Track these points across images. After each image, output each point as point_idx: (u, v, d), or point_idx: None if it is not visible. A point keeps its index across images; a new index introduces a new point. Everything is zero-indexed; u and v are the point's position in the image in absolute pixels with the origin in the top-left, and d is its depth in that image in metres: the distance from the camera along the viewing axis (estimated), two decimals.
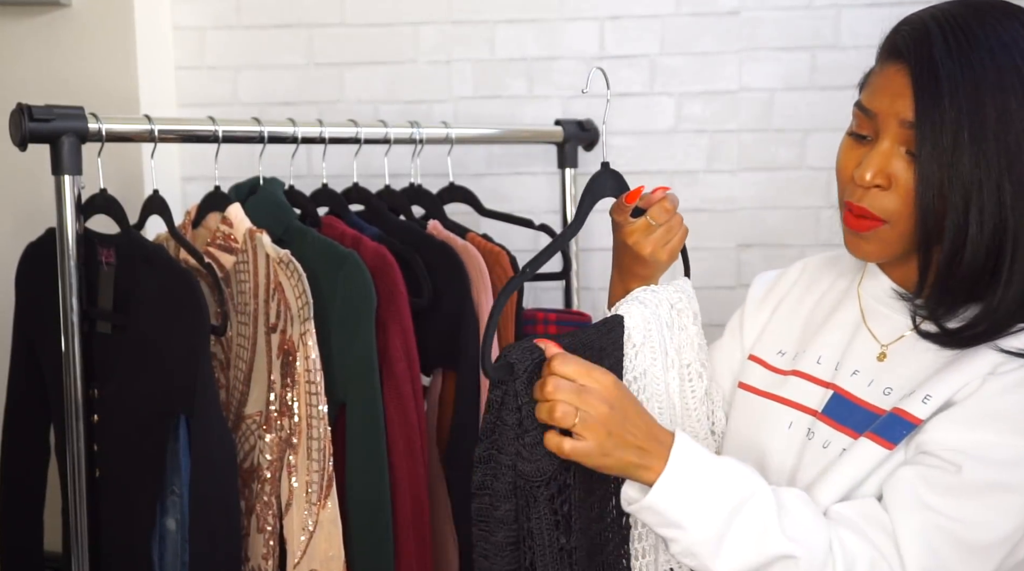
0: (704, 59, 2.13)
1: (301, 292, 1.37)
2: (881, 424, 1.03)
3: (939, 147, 0.98)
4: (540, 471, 0.93)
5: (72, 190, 1.35)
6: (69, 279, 1.36)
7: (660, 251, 1.17)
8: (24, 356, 1.55)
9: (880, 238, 1.05)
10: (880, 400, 1.06)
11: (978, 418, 0.98)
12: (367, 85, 2.17)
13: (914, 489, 0.98)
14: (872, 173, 1.03)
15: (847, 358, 1.11)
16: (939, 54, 1.00)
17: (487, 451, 0.95)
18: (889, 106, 1.03)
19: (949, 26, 1.01)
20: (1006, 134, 0.98)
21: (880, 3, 2.06)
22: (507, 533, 0.94)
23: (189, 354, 1.33)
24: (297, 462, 1.38)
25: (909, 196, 1.02)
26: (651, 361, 1.11)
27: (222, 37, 2.16)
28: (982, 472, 0.97)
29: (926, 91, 1.00)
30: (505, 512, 0.94)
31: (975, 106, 0.98)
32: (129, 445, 1.40)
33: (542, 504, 0.94)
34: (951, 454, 0.98)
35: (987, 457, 0.97)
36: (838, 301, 1.18)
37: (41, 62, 1.98)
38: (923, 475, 0.99)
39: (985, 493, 0.97)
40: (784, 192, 2.14)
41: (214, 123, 1.49)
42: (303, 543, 1.38)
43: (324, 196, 1.66)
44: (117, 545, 1.43)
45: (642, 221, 1.17)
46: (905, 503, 0.98)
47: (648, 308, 1.12)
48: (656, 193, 1.19)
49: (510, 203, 2.11)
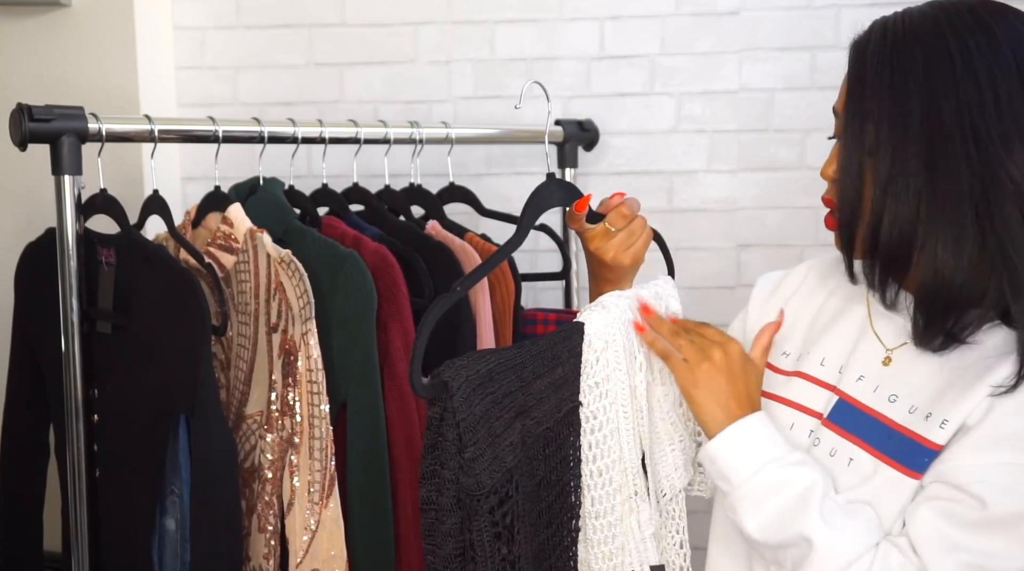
0: (704, 59, 2.13)
1: (303, 292, 1.37)
2: (899, 449, 1.03)
3: (860, 138, 1.01)
4: (480, 485, 0.96)
5: (72, 190, 1.35)
6: (69, 279, 1.36)
7: (622, 256, 1.19)
8: (23, 356, 1.55)
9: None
10: (887, 408, 1.05)
11: (994, 441, 0.98)
12: (367, 85, 2.17)
13: (941, 530, 0.98)
14: (832, 169, 1.06)
15: (852, 362, 1.11)
16: (872, 50, 1.03)
17: (430, 467, 0.97)
18: (840, 105, 1.06)
19: (894, 24, 1.03)
20: (932, 126, 0.98)
21: (880, 3, 2.06)
22: (454, 545, 0.97)
23: (189, 354, 1.33)
24: (299, 462, 1.38)
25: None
26: (615, 366, 1.11)
27: (222, 37, 2.16)
28: (1006, 503, 0.96)
29: (854, 85, 1.03)
30: (451, 526, 0.96)
31: (898, 102, 0.99)
32: (129, 445, 1.40)
33: (483, 516, 0.96)
34: (971, 483, 0.97)
35: (1008, 484, 0.97)
36: (845, 303, 1.17)
37: (41, 62, 1.98)
38: (948, 513, 0.98)
39: (1012, 524, 0.97)
40: (784, 192, 2.14)
41: (214, 123, 1.49)
42: (305, 542, 1.38)
43: (324, 196, 1.66)
44: (117, 545, 1.43)
45: (600, 226, 1.20)
46: (935, 543, 0.98)
47: (612, 313, 1.12)
48: (614, 198, 1.21)
49: (510, 203, 2.11)
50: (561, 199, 1.18)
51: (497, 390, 0.99)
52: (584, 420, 1.09)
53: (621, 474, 1.10)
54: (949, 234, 0.97)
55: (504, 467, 0.98)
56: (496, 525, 0.97)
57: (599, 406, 1.09)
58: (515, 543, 1.00)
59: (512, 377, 1.02)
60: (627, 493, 1.11)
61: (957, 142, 0.97)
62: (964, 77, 0.97)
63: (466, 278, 1.09)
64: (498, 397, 0.99)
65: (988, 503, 0.96)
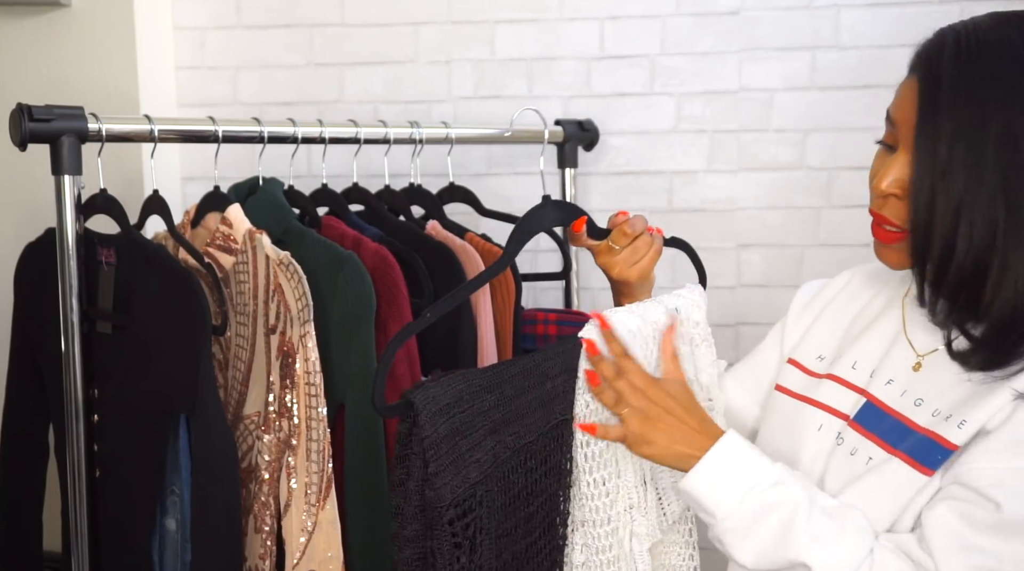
0: (704, 59, 2.13)
1: (301, 294, 1.37)
2: (916, 447, 1.03)
3: (933, 159, 0.98)
4: (440, 498, 1.01)
5: (72, 190, 1.35)
6: (69, 279, 1.36)
7: (627, 272, 1.22)
8: (24, 356, 1.55)
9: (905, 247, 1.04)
10: (912, 411, 1.05)
11: (1012, 445, 0.98)
12: (367, 85, 2.17)
13: (956, 530, 0.98)
14: (887, 182, 1.03)
15: (883, 366, 1.11)
16: (946, 66, 0.99)
17: (399, 476, 1.03)
18: (905, 118, 1.03)
19: (966, 38, 1.00)
20: (1008, 148, 0.95)
21: (880, 3, 2.06)
22: (413, 550, 1.03)
23: (190, 354, 1.33)
24: (296, 463, 1.38)
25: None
26: None
27: (222, 37, 2.16)
28: (1020, 508, 0.96)
29: (927, 102, 1.00)
30: (412, 531, 1.03)
31: (976, 121, 0.96)
32: (129, 445, 1.40)
33: (443, 527, 1.02)
34: (988, 487, 0.97)
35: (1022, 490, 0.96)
36: (882, 310, 1.18)
37: (41, 62, 1.98)
38: (963, 514, 0.98)
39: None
40: (784, 192, 2.14)
41: (214, 123, 1.49)
42: (302, 544, 1.38)
43: (324, 196, 1.66)
44: (117, 545, 1.43)
45: (604, 244, 1.22)
46: (948, 544, 0.98)
47: (617, 329, 1.13)
48: (618, 217, 1.22)
49: (510, 203, 2.11)
50: (557, 219, 1.20)
51: (468, 409, 1.04)
52: (580, 432, 1.11)
53: (617, 488, 1.13)
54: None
55: (468, 482, 1.03)
56: (456, 535, 1.03)
57: (598, 420, 1.12)
58: (476, 553, 1.05)
59: (488, 397, 1.06)
60: (625, 504, 1.13)
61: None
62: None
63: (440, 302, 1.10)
64: (468, 416, 1.04)
65: (1003, 507, 0.96)
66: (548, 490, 1.11)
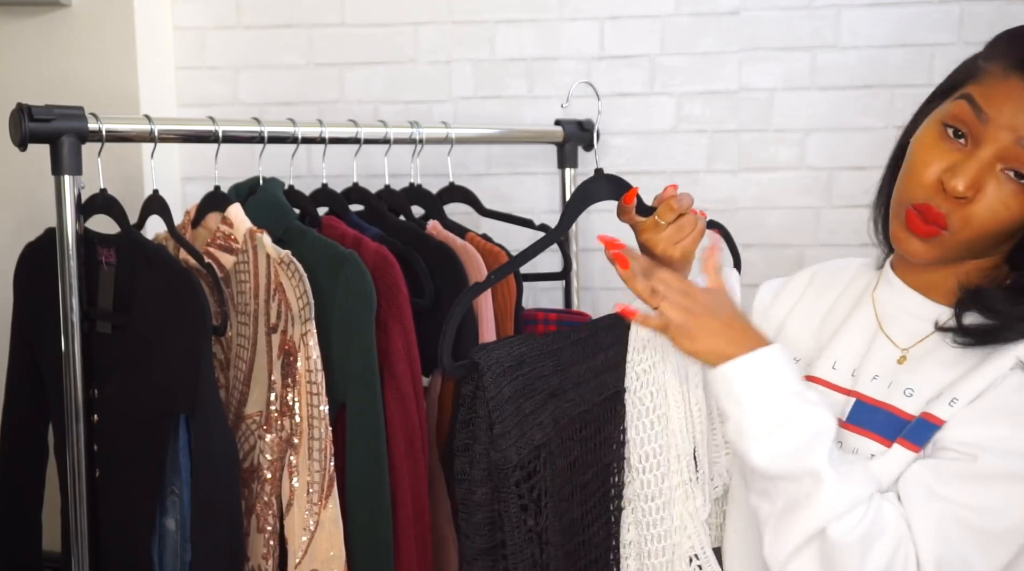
0: (704, 59, 2.13)
1: (302, 292, 1.37)
2: (911, 429, 1.03)
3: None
4: (506, 459, 1.01)
5: (72, 190, 1.35)
6: (69, 279, 1.36)
7: (671, 249, 1.17)
8: (23, 356, 1.55)
9: (942, 244, 1.04)
10: (902, 401, 1.06)
11: (993, 413, 0.98)
12: (367, 85, 2.17)
13: (925, 481, 0.98)
14: (965, 185, 1.00)
15: (866, 364, 1.11)
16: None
17: (464, 441, 1.04)
18: (1010, 120, 0.99)
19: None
20: None
21: (880, 3, 2.06)
22: (484, 515, 1.04)
23: (190, 354, 1.33)
24: (298, 462, 1.38)
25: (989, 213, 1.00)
26: (663, 355, 1.13)
27: (222, 37, 2.16)
28: (996, 461, 0.96)
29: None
30: (481, 496, 1.03)
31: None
32: (129, 445, 1.40)
33: (510, 489, 1.02)
34: (967, 447, 0.97)
35: (1002, 449, 0.97)
36: (851, 308, 1.17)
37: (41, 62, 1.98)
38: (934, 467, 0.99)
39: (998, 481, 0.96)
40: (784, 192, 2.14)
41: (214, 123, 1.49)
42: (304, 543, 1.38)
43: (324, 196, 1.66)
44: (117, 545, 1.43)
45: (650, 219, 1.18)
46: (917, 494, 0.98)
47: None
48: (667, 191, 1.19)
49: (510, 203, 2.11)
50: (609, 193, 1.18)
51: (529, 372, 1.04)
52: (631, 405, 1.12)
53: (672, 460, 1.12)
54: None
55: (531, 444, 1.04)
56: (522, 498, 1.03)
57: (645, 393, 1.12)
58: (542, 515, 1.05)
59: (548, 362, 1.07)
60: (682, 478, 1.13)
61: None
62: None
63: (501, 268, 1.16)
64: (530, 379, 1.04)
65: (979, 459, 0.96)
66: (602, 460, 1.12)
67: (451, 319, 1.05)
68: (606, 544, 1.14)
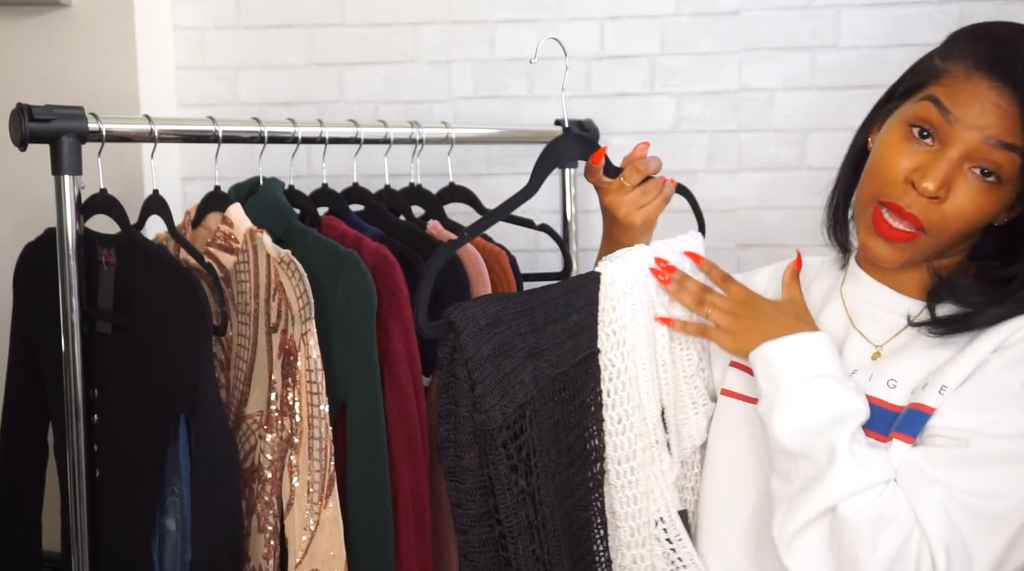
0: (704, 59, 2.13)
1: (302, 292, 1.37)
2: (903, 421, 1.03)
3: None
4: (491, 420, 0.98)
5: (72, 190, 1.35)
6: (69, 279, 1.36)
7: (634, 214, 1.18)
8: (22, 356, 1.55)
9: (915, 247, 1.04)
10: (887, 393, 1.06)
11: (983, 397, 0.98)
12: (367, 85, 2.17)
13: (920, 467, 0.98)
14: (936, 185, 1.00)
15: (843, 361, 1.11)
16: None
17: (445, 406, 1.00)
18: (976, 119, 0.99)
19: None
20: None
21: (880, 3, 2.06)
22: (474, 480, 1.00)
23: (190, 354, 1.33)
24: (298, 462, 1.38)
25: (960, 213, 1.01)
26: (632, 316, 1.11)
27: (222, 37, 2.16)
28: (989, 445, 0.96)
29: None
30: (469, 460, 0.99)
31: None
32: (129, 445, 1.40)
33: (498, 450, 0.99)
34: (959, 432, 0.97)
35: (993, 433, 0.97)
36: (821, 306, 1.17)
37: (41, 62, 1.98)
38: (928, 454, 0.99)
39: (993, 464, 0.96)
40: (784, 192, 2.14)
41: (214, 123, 1.49)
42: (305, 543, 1.38)
43: (324, 196, 1.66)
44: (117, 545, 1.43)
45: (616, 181, 1.18)
46: (916, 482, 0.98)
47: (630, 265, 1.12)
48: (636, 150, 1.19)
49: None
50: (577, 153, 1.17)
51: (506, 331, 1.01)
52: (603, 368, 1.10)
53: (641, 422, 1.11)
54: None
55: (515, 403, 1.00)
56: (511, 458, 1.00)
57: (616, 354, 1.10)
58: (533, 475, 1.02)
59: (523, 321, 1.04)
60: (648, 441, 1.12)
61: None
62: None
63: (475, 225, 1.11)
64: (507, 337, 1.01)
65: (972, 443, 0.97)
66: (582, 423, 1.10)
67: (426, 275, 1.02)
68: (593, 508, 1.13)
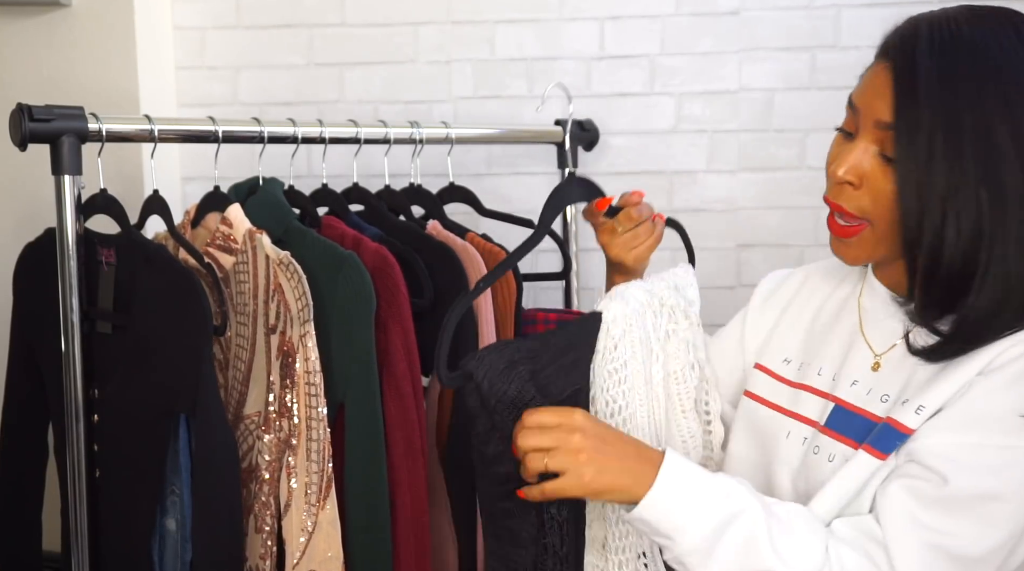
0: (704, 59, 2.13)
1: (301, 293, 1.37)
2: (876, 435, 1.02)
3: (915, 150, 0.97)
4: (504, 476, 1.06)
5: (72, 190, 1.35)
6: (69, 279, 1.36)
7: (625, 255, 1.25)
8: (22, 356, 1.55)
9: (862, 241, 1.05)
10: (878, 408, 1.05)
11: (963, 421, 0.97)
12: (367, 85, 2.17)
13: (905, 506, 0.97)
14: (844, 170, 1.03)
15: (845, 368, 1.11)
16: (921, 56, 0.98)
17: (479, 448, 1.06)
18: (868, 104, 1.02)
19: (939, 28, 0.99)
20: (984, 140, 0.95)
21: (880, 3, 2.06)
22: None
23: (191, 354, 1.33)
24: (296, 463, 1.38)
25: (880, 197, 1.01)
26: (631, 354, 1.13)
27: (222, 37, 2.16)
28: (969, 481, 0.95)
29: (904, 93, 0.99)
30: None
31: (952, 111, 0.96)
32: (129, 445, 1.40)
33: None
34: (938, 461, 0.96)
35: (973, 463, 0.96)
36: (838, 310, 1.17)
37: (41, 62, 1.98)
38: (912, 489, 0.97)
39: (975, 505, 0.95)
40: (784, 192, 2.14)
41: (214, 123, 1.49)
42: (302, 544, 1.38)
43: (324, 196, 1.66)
44: (117, 545, 1.43)
45: (610, 223, 1.24)
46: (897, 521, 0.97)
47: (630, 304, 1.15)
48: (632, 197, 1.24)
49: (510, 203, 2.11)
50: (581, 195, 1.23)
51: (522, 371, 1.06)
52: (604, 404, 1.12)
53: None
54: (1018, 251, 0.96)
55: None
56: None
57: (618, 391, 1.12)
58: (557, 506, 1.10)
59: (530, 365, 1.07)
60: None
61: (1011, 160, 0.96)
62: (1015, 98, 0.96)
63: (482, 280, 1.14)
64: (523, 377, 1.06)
65: (950, 480, 0.95)
66: None
67: (446, 330, 1.05)
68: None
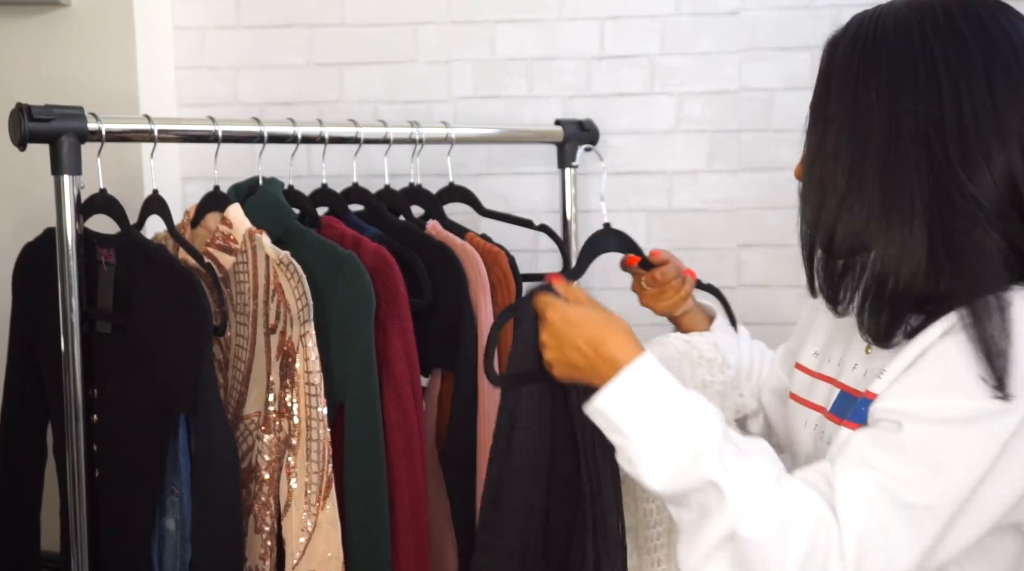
0: (704, 59, 2.13)
1: (301, 293, 1.37)
2: (854, 409, 1.03)
3: (821, 145, 0.99)
4: None
5: (72, 190, 1.35)
6: (69, 279, 1.36)
7: (654, 305, 1.41)
8: (22, 357, 1.55)
9: None
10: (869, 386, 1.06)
11: (921, 383, 0.96)
12: (367, 85, 2.17)
13: (858, 448, 0.97)
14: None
15: (848, 354, 1.12)
16: (842, 52, 0.99)
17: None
18: None
19: (867, 24, 0.99)
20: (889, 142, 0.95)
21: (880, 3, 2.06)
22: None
23: (190, 354, 1.33)
24: (296, 463, 1.38)
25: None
26: None
27: (222, 37, 2.16)
28: (922, 430, 0.94)
29: (820, 88, 1.01)
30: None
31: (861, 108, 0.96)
32: (129, 445, 1.40)
33: None
34: (895, 414, 0.96)
35: (929, 415, 0.94)
36: None
37: (41, 62, 1.98)
38: (868, 434, 0.97)
39: (924, 451, 0.94)
40: (784, 192, 2.13)
41: (214, 123, 1.49)
42: (302, 544, 1.38)
43: (324, 196, 1.66)
44: (117, 545, 1.43)
45: (640, 280, 1.40)
46: (848, 460, 0.97)
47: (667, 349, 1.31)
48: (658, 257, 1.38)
49: (510, 203, 2.11)
50: (615, 245, 1.40)
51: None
52: None
53: None
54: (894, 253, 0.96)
55: None
56: None
57: None
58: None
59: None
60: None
61: (912, 162, 0.94)
62: (926, 91, 0.94)
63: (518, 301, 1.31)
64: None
65: (904, 427, 0.94)
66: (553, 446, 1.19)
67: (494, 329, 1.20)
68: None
